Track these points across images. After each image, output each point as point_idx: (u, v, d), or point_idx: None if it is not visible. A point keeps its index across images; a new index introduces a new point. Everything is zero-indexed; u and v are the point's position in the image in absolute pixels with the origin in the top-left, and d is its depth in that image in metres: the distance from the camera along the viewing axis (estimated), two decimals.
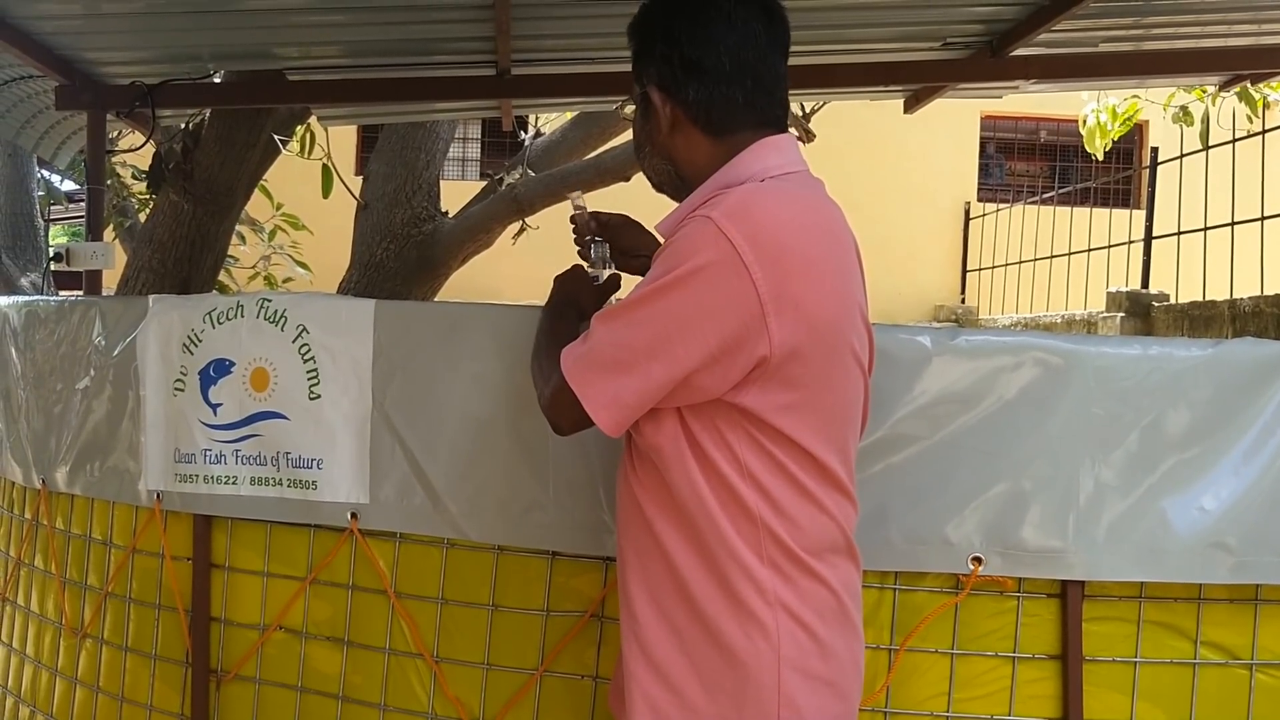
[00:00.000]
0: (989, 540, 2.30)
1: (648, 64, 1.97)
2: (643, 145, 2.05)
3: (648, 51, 1.97)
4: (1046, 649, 2.34)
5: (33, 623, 3.24)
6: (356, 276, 6.09)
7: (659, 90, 1.95)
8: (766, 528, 1.81)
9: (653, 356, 1.77)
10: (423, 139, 6.08)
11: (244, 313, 2.67)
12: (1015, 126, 13.92)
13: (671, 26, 1.94)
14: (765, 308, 1.74)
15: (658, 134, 1.99)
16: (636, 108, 2.04)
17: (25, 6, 4.02)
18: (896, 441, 2.32)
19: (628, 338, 1.80)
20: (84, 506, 3.06)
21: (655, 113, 1.96)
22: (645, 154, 2.05)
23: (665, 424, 1.85)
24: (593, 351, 1.83)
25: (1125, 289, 7.82)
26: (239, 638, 2.76)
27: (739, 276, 1.73)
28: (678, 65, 1.93)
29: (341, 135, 8.10)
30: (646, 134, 2.02)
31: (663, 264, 1.80)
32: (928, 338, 2.35)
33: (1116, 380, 2.32)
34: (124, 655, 2.94)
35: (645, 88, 1.98)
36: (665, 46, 1.94)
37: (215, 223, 5.38)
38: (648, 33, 1.98)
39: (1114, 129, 7.78)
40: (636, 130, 2.05)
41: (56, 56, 4.56)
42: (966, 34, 4.60)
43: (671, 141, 1.98)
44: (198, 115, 5.55)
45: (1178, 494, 2.31)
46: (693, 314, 1.75)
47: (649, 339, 1.78)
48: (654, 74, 1.96)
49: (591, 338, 1.85)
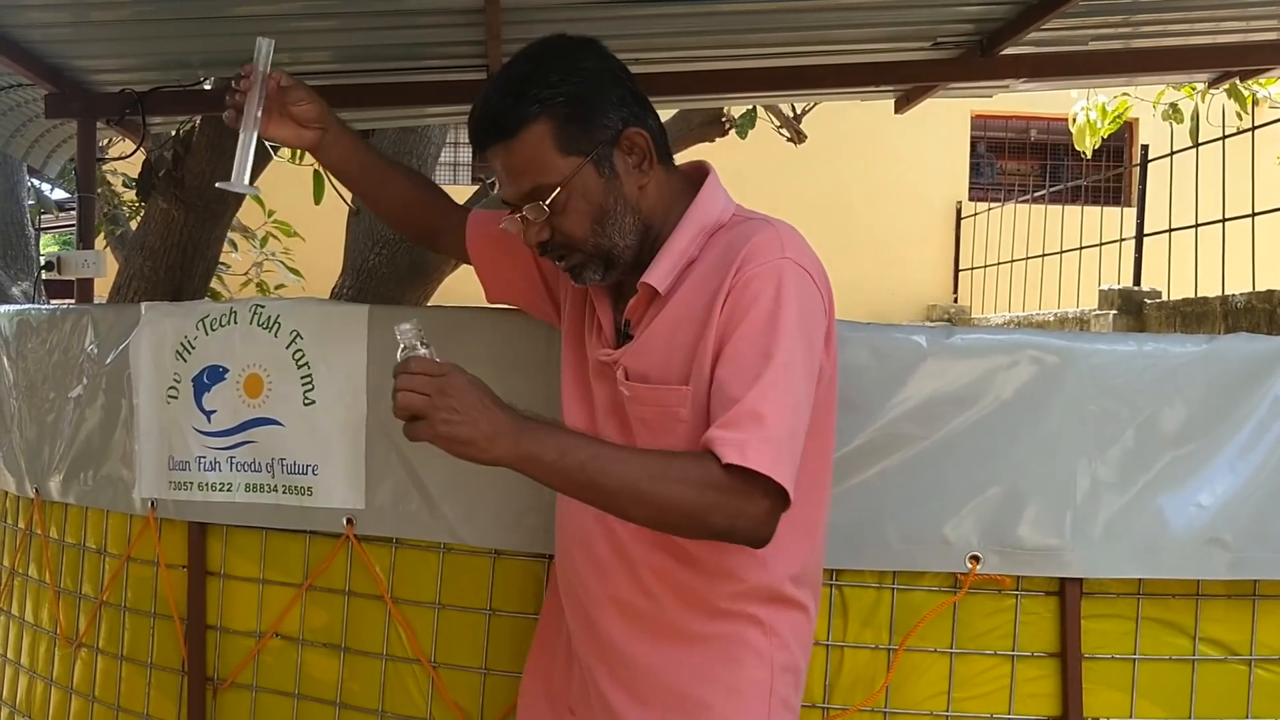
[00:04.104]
0: (986, 539, 2.30)
1: (595, 114, 1.83)
2: (605, 215, 1.85)
3: (591, 107, 1.83)
4: (1045, 647, 2.34)
5: (27, 632, 3.23)
6: (349, 282, 6.07)
7: (636, 131, 1.85)
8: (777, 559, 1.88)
9: (804, 404, 1.77)
10: (414, 144, 6.07)
11: (237, 319, 2.67)
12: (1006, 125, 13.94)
13: (605, 65, 1.87)
14: (828, 337, 1.88)
15: (628, 188, 1.86)
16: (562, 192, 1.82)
17: (14, 14, 4.01)
18: (892, 441, 2.32)
19: (787, 400, 1.72)
20: (78, 515, 3.05)
21: (620, 166, 1.85)
22: (607, 224, 1.86)
23: None
24: (775, 436, 1.69)
25: (1117, 287, 7.83)
26: (235, 645, 2.76)
27: (821, 310, 1.83)
28: (630, 99, 1.87)
29: None
30: (613, 198, 1.85)
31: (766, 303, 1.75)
32: (923, 337, 2.35)
33: (1112, 377, 2.32)
34: (119, 664, 2.93)
35: (602, 143, 1.83)
36: (616, 87, 1.86)
37: (207, 230, 5.35)
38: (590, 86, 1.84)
39: (1104, 127, 7.78)
40: (579, 210, 1.84)
41: (46, 64, 4.55)
42: (956, 33, 4.60)
43: (643, 189, 1.88)
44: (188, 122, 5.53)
45: (1174, 491, 2.31)
46: (809, 354, 1.78)
47: (797, 393, 1.74)
48: (614, 119, 1.84)
49: (761, 423, 1.69)
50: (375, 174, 2.24)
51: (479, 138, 1.88)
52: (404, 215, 2.31)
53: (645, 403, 1.87)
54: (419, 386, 1.64)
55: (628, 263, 1.90)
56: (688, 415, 1.82)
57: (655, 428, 1.87)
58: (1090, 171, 12.26)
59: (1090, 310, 7.97)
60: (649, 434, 1.88)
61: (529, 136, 1.81)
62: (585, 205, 1.84)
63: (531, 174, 1.82)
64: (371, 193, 2.26)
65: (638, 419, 1.89)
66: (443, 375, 1.65)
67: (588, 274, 1.90)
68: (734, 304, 1.77)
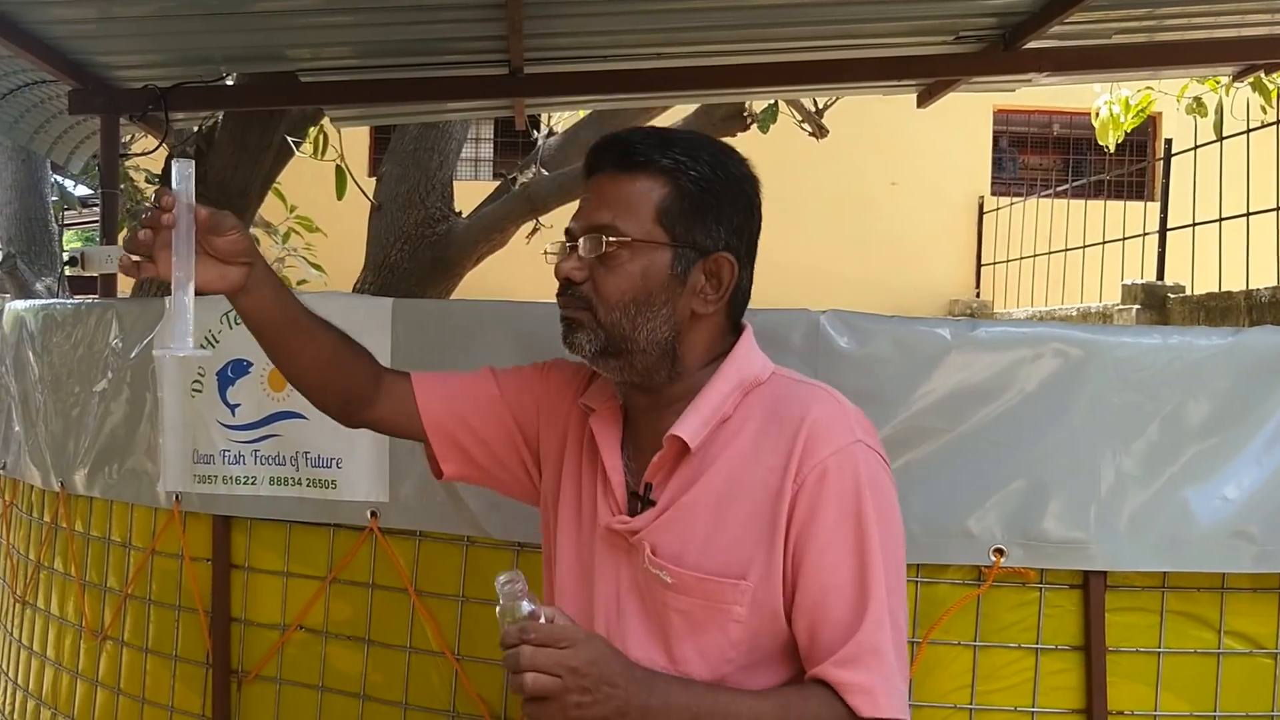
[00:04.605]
0: (1010, 532, 2.29)
1: (709, 217, 1.71)
2: (645, 304, 1.69)
3: (711, 209, 1.71)
4: (1069, 640, 2.33)
5: (53, 625, 3.25)
6: (371, 278, 6.10)
7: (729, 260, 1.72)
8: None
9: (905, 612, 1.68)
10: (435, 139, 6.09)
11: None
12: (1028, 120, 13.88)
13: (751, 198, 1.77)
14: None
15: (684, 303, 1.71)
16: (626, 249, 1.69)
17: (38, 11, 4.03)
18: (916, 434, 2.31)
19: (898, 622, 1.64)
20: (103, 509, 3.07)
21: (692, 280, 1.70)
22: (641, 313, 1.69)
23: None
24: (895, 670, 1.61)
25: (1140, 281, 7.79)
26: (259, 638, 2.77)
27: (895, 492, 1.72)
28: (745, 240, 1.76)
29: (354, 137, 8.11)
30: (664, 297, 1.69)
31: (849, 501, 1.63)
32: (947, 330, 2.34)
33: (1136, 370, 2.31)
34: (144, 657, 2.95)
35: (693, 246, 1.70)
36: (744, 218, 1.75)
37: None
38: (725, 193, 1.72)
39: (1127, 121, 7.74)
40: (628, 278, 1.69)
41: (69, 61, 4.56)
42: (979, 27, 4.59)
43: (695, 317, 1.73)
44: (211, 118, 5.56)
45: (1199, 483, 2.30)
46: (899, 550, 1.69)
47: (901, 606, 1.65)
48: (719, 235, 1.71)
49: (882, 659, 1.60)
50: (302, 324, 1.82)
51: (600, 157, 1.75)
52: (330, 376, 1.88)
53: (691, 594, 1.67)
54: (547, 666, 1.47)
55: (629, 367, 1.72)
56: (744, 614, 1.66)
57: (699, 623, 1.68)
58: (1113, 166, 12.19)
59: (1113, 305, 7.93)
60: (689, 628, 1.68)
61: (642, 183, 1.70)
62: (636, 280, 1.68)
63: (617, 214, 1.69)
64: (295, 346, 1.83)
65: (677, 610, 1.69)
66: (569, 647, 1.49)
67: (581, 339, 1.71)
68: (811, 501, 1.63)
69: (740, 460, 1.68)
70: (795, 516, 1.63)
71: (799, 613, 1.65)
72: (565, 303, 1.74)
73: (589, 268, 1.70)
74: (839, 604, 1.62)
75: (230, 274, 1.69)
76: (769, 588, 1.64)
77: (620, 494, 1.76)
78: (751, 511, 1.65)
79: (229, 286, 1.70)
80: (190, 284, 1.64)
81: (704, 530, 1.67)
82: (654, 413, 1.76)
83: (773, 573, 1.64)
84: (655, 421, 1.75)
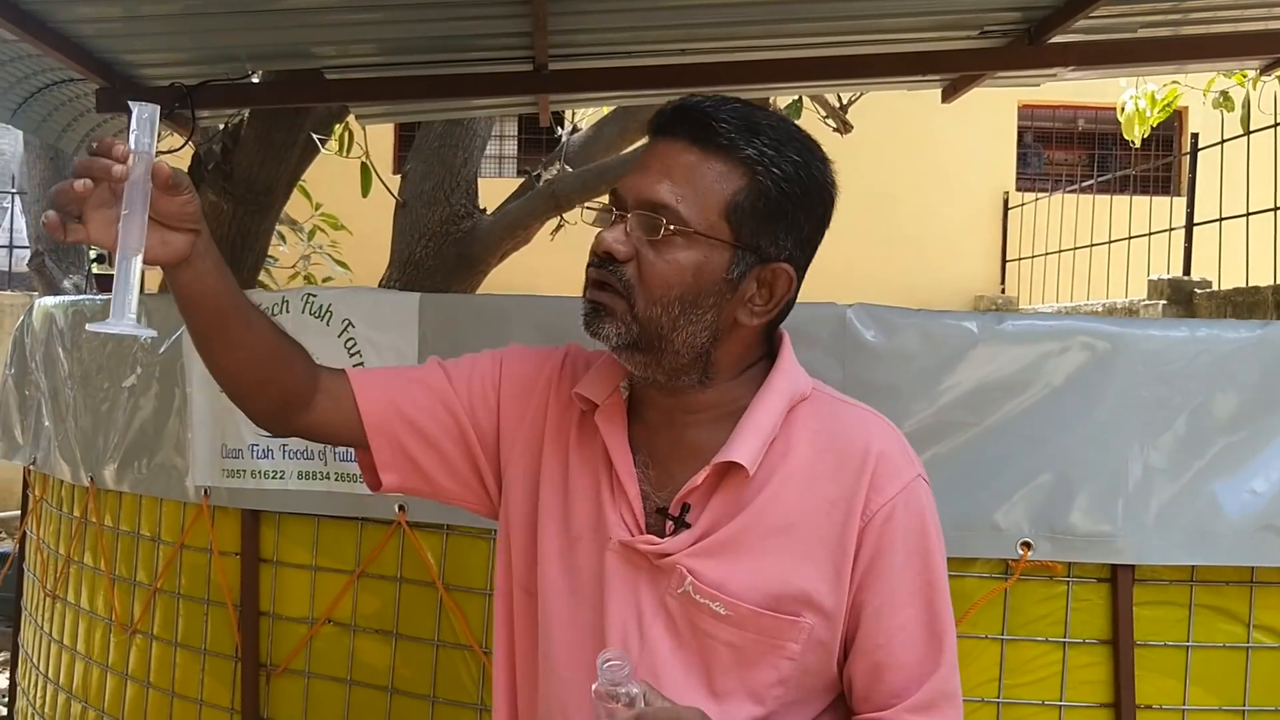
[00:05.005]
0: (1038, 525, 2.29)
1: (780, 224, 1.55)
2: (692, 303, 1.53)
3: (785, 215, 1.55)
4: (1097, 634, 2.33)
5: (83, 619, 3.27)
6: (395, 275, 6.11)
7: (789, 273, 1.57)
8: None
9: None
10: (460, 136, 6.09)
11: (289, 308, 2.69)
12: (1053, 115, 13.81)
13: (828, 209, 1.63)
14: None
15: (732, 309, 1.55)
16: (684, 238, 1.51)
17: (66, 9, 4.05)
18: (943, 428, 2.31)
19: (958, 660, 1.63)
20: (132, 503, 3.09)
21: (745, 286, 1.55)
22: (684, 310, 1.53)
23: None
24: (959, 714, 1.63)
25: (1167, 276, 7.76)
26: (288, 632, 2.78)
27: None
28: (808, 253, 1.62)
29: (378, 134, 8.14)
30: (713, 299, 1.54)
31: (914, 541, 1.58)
32: (974, 323, 2.34)
33: (1164, 363, 2.31)
34: (174, 650, 2.97)
35: (756, 250, 1.54)
36: (814, 229, 1.61)
37: (255, 222, 5.41)
38: (804, 199, 1.56)
39: (1153, 115, 7.70)
40: (679, 269, 1.52)
41: (97, 59, 4.58)
42: (1004, 21, 4.56)
43: (739, 325, 1.57)
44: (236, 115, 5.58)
45: (1228, 477, 2.30)
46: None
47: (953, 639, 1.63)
48: (785, 244, 1.56)
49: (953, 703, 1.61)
50: (243, 307, 1.57)
51: (674, 120, 1.56)
52: (269, 372, 1.63)
53: (746, 628, 1.55)
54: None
55: (657, 365, 1.56)
56: (799, 652, 1.56)
57: (750, 657, 1.56)
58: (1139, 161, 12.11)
59: (1139, 300, 7.90)
60: (737, 662, 1.56)
61: (718, 167, 1.52)
62: (687, 276, 1.51)
63: (683, 195, 1.51)
64: (236, 333, 1.57)
65: (726, 643, 1.56)
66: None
67: (609, 329, 1.54)
68: (879, 539, 1.56)
69: (795, 488, 1.57)
70: (861, 555, 1.55)
71: (859, 654, 1.58)
72: (600, 279, 1.55)
73: (635, 246, 1.52)
74: (907, 646, 1.57)
75: (175, 242, 1.44)
76: (829, 627, 1.56)
77: (638, 507, 1.60)
78: (810, 545, 1.55)
79: (172, 256, 1.45)
80: (141, 253, 1.40)
81: (752, 560, 1.55)
82: (677, 418, 1.62)
83: (834, 611, 1.56)
84: (680, 429, 1.62)
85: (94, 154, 1.40)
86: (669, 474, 1.61)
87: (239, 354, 1.59)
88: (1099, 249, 9.83)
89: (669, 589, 1.56)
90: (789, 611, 1.54)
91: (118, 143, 1.38)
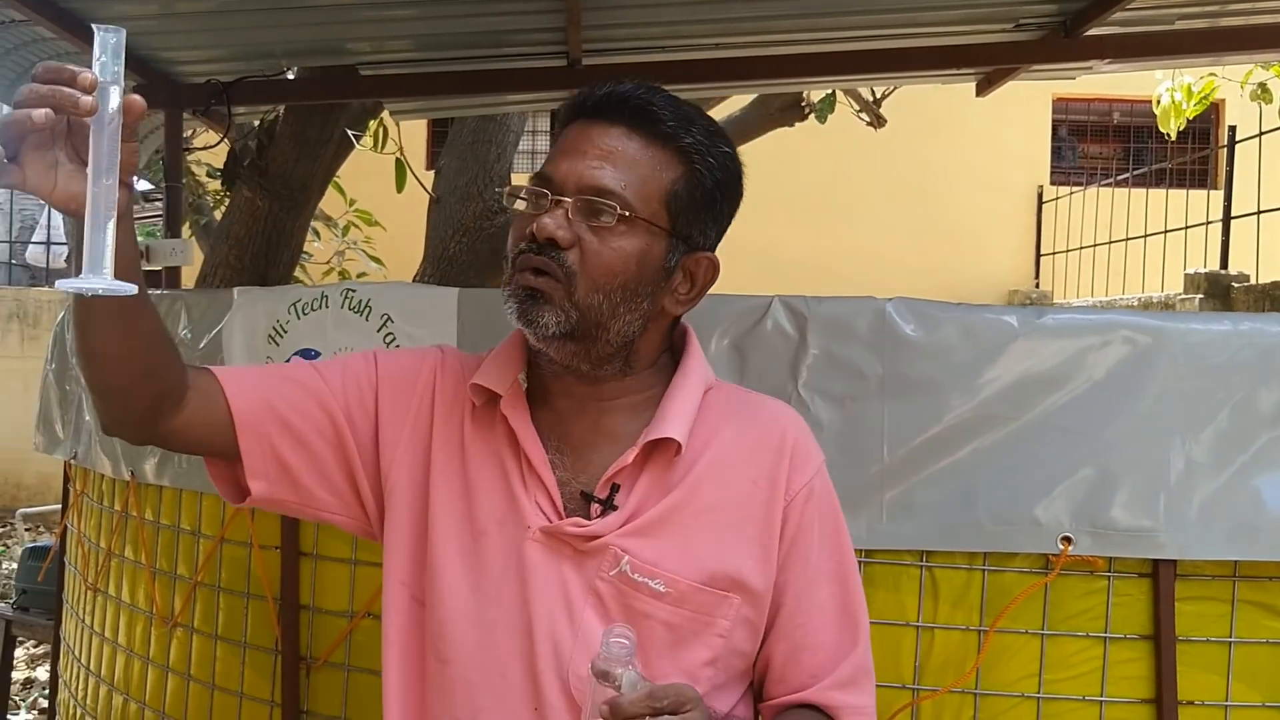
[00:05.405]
0: (1078, 520, 2.28)
1: (710, 214, 1.57)
2: (632, 292, 1.51)
3: (716, 206, 1.58)
4: (1138, 629, 2.31)
5: (124, 612, 3.30)
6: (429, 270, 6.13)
7: (712, 261, 1.59)
8: None
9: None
10: (493, 132, 6.11)
11: (329, 303, 2.70)
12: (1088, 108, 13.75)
13: (740, 199, 1.63)
14: None
15: (662, 298, 1.56)
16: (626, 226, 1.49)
17: (103, 8, 4.08)
18: (984, 422, 2.30)
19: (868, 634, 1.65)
20: (173, 498, 3.11)
21: (677, 276, 1.56)
22: (623, 300, 1.50)
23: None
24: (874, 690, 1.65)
25: (1204, 270, 7.71)
26: (328, 625, 2.79)
27: None
28: (718, 241, 1.63)
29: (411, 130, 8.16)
30: (649, 288, 1.53)
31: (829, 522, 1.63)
32: (1014, 317, 2.33)
33: (1206, 357, 2.29)
34: (214, 643, 2.98)
35: (689, 240, 1.55)
36: (729, 220, 1.62)
37: (291, 218, 5.44)
38: (730, 190, 1.59)
39: (1189, 108, 7.66)
40: (622, 258, 1.49)
41: (134, 57, 4.62)
42: (1039, 14, 4.55)
43: (665, 313, 1.58)
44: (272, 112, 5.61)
45: (1271, 471, 2.28)
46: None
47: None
48: (712, 235, 1.59)
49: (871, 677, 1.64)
50: (144, 286, 1.41)
51: (608, 105, 1.54)
52: (154, 364, 1.48)
53: (685, 605, 1.53)
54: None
55: (585, 354, 1.54)
56: (727, 629, 1.54)
57: (684, 637, 1.53)
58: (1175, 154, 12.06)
59: (1175, 294, 7.85)
60: (672, 643, 1.53)
61: (659, 155, 1.52)
62: (631, 264, 1.50)
63: (627, 182, 1.50)
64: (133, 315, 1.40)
65: (664, 622, 1.52)
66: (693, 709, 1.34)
67: (547, 317, 1.49)
68: (799, 519, 1.58)
69: (721, 468, 1.57)
70: (785, 534, 1.57)
71: (780, 636, 1.59)
72: (538, 265, 1.49)
73: (575, 233, 1.48)
74: (825, 626, 1.60)
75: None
76: (756, 606, 1.56)
77: (555, 493, 1.55)
78: (736, 523, 1.56)
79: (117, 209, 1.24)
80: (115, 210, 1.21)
81: (684, 538, 1.53)
82: (592, 405, 1.59)
83: (763, 591, 1.56)
84: (596, 416, 1.59)
85: (50, 80, 1.18)
86: (586, 460, 1.58)
87: (134, 340, 1.44)
88: (1134, 243, 9.78)
89: (598, 572, 1.52)
90: (722, 588, 1.53)
91: (82, 70, 1.18)
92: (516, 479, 1.56)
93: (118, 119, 1.19)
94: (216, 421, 1.56)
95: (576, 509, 1.56)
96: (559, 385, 1.60)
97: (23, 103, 1.16)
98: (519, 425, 1.57)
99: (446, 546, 1.58)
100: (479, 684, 1.54)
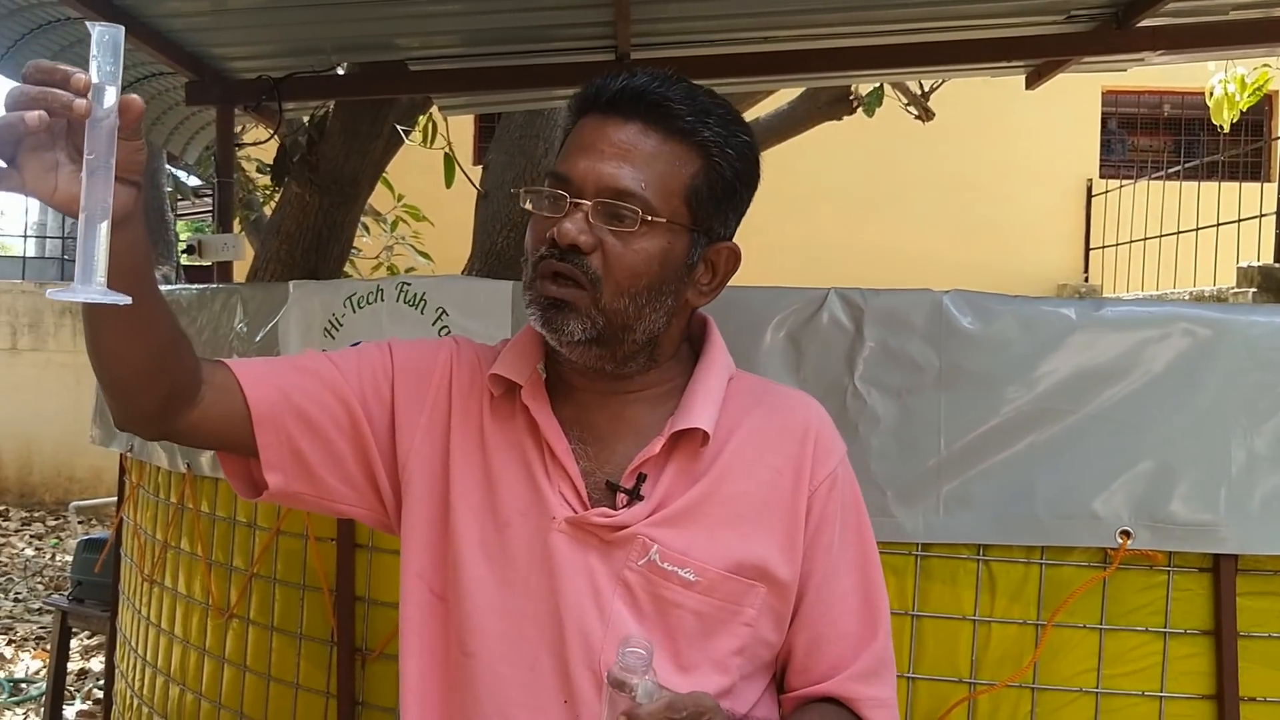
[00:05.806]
0: (1137, 514, 2.26)
1: (728, 205, 1.56)
2: (657, 292, 1.50)
3: (735, 195, 1.57)
4: (1198, 624, 2.29)
5: (180, 603, 3.33)
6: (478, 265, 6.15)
7: (733, 251, 1.60)
8: None
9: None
10: (541, 127, 6.11)
11: (384, 297, 2.72)
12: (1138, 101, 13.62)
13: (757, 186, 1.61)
14: None
15: (685, 290, 1.56)
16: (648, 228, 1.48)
17: (156, 5, 4.12)
18: (1041, 415, 2.28)
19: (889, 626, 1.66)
20: (228, 490, 3.12)
21: (699, 268, 1.56)
22: (649, 300, 1.50)
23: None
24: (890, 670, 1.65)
25: (1257, 264, 7.62)
26: (383, 617, 2.81)
27: None
28: (736, 229, 1.63)
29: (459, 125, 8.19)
30: (673, 284, 1.52)
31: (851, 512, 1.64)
32: (1072, 310, 2.31)
33: (1268, 350, 2.26)
34: (270, 635, 3.00)
35: (708, 233, 1.55)
36: (747, 206, 1.61)
37: (341, 213, 5.48)
38: (748, 179, 1.58)
39: (1243, 100, 7.57)
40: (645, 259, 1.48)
41: (186, 53, 4.67)
42: (1090, 5, 4.51)
43: (685, 305, 1.58)
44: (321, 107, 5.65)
45: None
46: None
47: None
48: (732, 224, 1.59)
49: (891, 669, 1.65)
50: (156, 282, 1.41)
51: (623, 100, 1.51)
52: (168, 361, 1.46)
53: (714, 594, 1.53)
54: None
55: (611, 356, 1.54)
56: (754, 618, 1.55)
57: (712, 627, 1.54)
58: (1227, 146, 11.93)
59: (1228, 288, 7.76)
60: (702, 632, 1.54)
61: (677, 150, 1.50)
62: (654, 265, 1.49)
63: (647, 182, 1.48)
64: (147, 309, 1.36)
65: (694, 611, 1.52)
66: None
67: (572, 325, 1.48)
68: (823, 510, 1.59)
69: (746, 458, 1.57)
70: (809, 524, 1.57)
71: (802, 626, 1.60)
72: (561, 271, 1.48)
73: (597, 237, 1.47)
74: (847, 616, 1.60)
75: (121, 195, 1.21)
76: (781, 594, 1.56)
77: (580, 484, 1.55)
78: (761, 513, 1.56)
79: (118, 212, 1.21)
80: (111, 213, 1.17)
81: (712, 528, 1.54)
82: (615, 397, 1.59)
83: (789, 580, 1.56)
84: (619, 407, 1.59)
85: (42, 82, 1.14)
86: (609, 450, 1.58)
87: (142, 340, 1.41)
88: (1185, 236, 9.68)
89: (626, 562, 1.52)
90: (749, 577, 1.54)
91: (75, 70, 1.14)
92: (539, 469, 1.56)
93: (114, 119, 1.15)
94: (233, 415, 1.54)
95: (601, 499, 1.56)
96: (580, 378, 1.60)
97: (14, 104, 1.13)
98: (541, 415, 1.57)
99: (469, 538, 1.57)
100: (507, 676, 1.54)
